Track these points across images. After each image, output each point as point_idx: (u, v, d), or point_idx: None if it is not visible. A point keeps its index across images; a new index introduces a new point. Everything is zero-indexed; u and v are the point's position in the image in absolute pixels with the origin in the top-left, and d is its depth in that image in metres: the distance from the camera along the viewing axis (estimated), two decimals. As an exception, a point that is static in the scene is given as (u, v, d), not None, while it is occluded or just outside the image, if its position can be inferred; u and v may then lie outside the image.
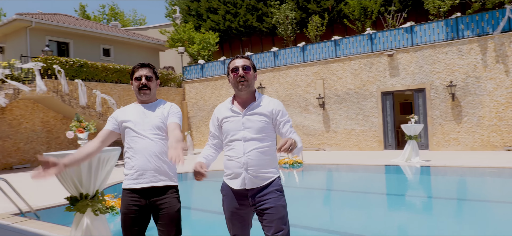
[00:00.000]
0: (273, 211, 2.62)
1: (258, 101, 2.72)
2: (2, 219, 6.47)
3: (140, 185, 2.77)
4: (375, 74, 17.63)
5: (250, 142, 2.64)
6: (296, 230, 6.32)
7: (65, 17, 24.74)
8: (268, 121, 2.68)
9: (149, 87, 2.89)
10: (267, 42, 27.03)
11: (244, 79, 2.68)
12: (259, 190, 2.66)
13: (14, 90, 14.78)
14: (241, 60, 2.74)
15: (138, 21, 52.23)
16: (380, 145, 17.45)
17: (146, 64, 2.96)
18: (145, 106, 2.91)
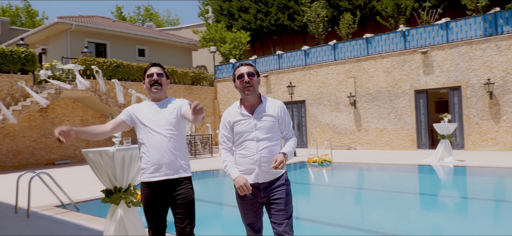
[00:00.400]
0: (282, 201, 2.92)
1: (264, 104, 2.98)
2: (45, 210, 6.93)
3: (156, 178, 3.02)
4: (408, 72, 17.29)
5: (262, 141, 2.93)
6: (322, 227, 6.41)
7: (103, 19, 25.71)
8: (275, 121, 2.98)
9: (160, 83, 3.10)
10: (298, 41, 27.02)
11: (249, 84, 2.91)
12: (270, 183, 2.95)
13: (55, 89, 15.59)
14: (246, 67, 2.98)
15: (172, 21, 53.35)
16: (413, 144, 17.11)
17: (156, 64, 3.19)
18: (158, 104, 3.14)
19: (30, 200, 6.65)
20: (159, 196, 3.05)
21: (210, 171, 13.22)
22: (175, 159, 3.05)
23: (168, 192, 3.06)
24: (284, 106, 3.05)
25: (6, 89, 15.23)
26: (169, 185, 3.05)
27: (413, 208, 7.69)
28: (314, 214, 7.55)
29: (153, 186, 3.05)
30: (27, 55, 16.04)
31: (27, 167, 15.57)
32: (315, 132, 20.28)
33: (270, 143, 2.93)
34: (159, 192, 3.05)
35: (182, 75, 22.40)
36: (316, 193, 10.05)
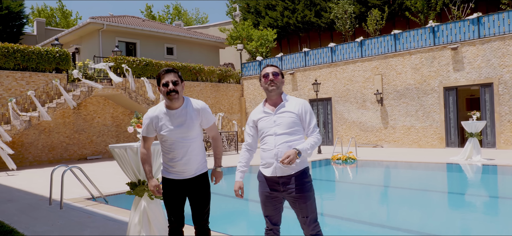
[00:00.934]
0: (302, 198, 3.05)
1: (286, 102, 3.16)
2: (76, 202, 7.30)
3: (176, 177, 3.24)
4: (437, 68, 16.92)
5: (281, 136, 3.08)
6: (343, 223, 6.46)
7: (133, 19, 26.41)
8: (295, 118, 3.10)
9: (177, 91, 3.12)
10: (325, 38, 26.87)
11: (273, 83, 3.12)
12: (288, 178, 3.07)
13: (88, 88, 16.20)
14: (271, 68, 3.19)
15: (201, 19, 54.02)
16: (442, 142, 16.75)
17: (171, 70, 3.18)
18: (177, 115, 3.16)
19: (63, 193, 7.02)
20: (179, 191, 3.26)
21: (235, 167, 13.40)
22: (193, 160, 3.23)
23: (186, 187, 3.26)
24: (307, 105, 3.15)
25: (42, 88, 15.95)
26: (188, 182, 3.26)
27: (438, 206, 7.59)
28: (335, 210, 7.60)
29: (173, 182, 3.26)
30: (61, 55, 16.73)
31: (61, 161, 16.28)
32: (341, 129, 20.16)
33: (289, 138, 3.06)
34: (178, 187, 3.26)
35: (209, 73, 22.74)
36: (338, 190, 10.07)
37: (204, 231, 3.35)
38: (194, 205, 3.29)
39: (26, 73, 15.80)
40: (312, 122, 3.12)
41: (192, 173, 3.25)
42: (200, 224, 3.32)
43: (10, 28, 25.83)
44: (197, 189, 3.27)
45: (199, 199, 3.28)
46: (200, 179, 3.29)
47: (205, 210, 3.31)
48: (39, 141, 16.03)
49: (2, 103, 14.99)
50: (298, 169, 3.07)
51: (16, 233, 5.32)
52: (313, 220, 3.11)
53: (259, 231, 6.35)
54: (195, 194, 3.27)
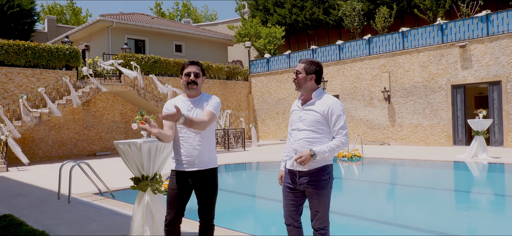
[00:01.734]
0: (317, 195, 3.14)
1: (314, 99, 3.20)
2: (84, 197, 7.47)
3: (189, 169, 3.28)
4: (445, 66, 16.84)
5: (302, 131, 3.17)
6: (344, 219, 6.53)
7: (142, 16, 26.64)
8: (320, 117, 3.14)
9: (196, 82, 3.30)
10: (333, 35, 26.83)
11: (295, 80, 3.26)
12: (305, 173, 3.15)
13: (96, 87, 16.44)
14: (298, 65, 3.27)
15: (210, 17, 54.20)
16: (449, 140, 16.68)
17: (195, 62, 3.36)
18: (192, 101, 3.36)
19: (71, 188, 7.20)
20: (187, 183, 3.31)
21: (242, 164, 13.55)
22: (204, 152, 3.29)
23: (195, 180, 3.31)
24: (335, 106, 3.12)
25: (52, 84, 16.23)
26: (197, 175, 3.30)
27: (442, 204, 7.62)
28: (340, 207, 7.68)
29: (183, 174, 3.31)
30: (71, 52, 16.98)
31: (71, 157, 16.57)
32: (348, 127, 20.16)
33: (311, 135, 3.13)
34: (187, 179, 3.30)
35: (217, 70, 22.88)
36: (342, 187, 10.13)
37: (210, 227, 3.39)
38: (201, 200, 3.34)
39: (37, 70, 16.09)
40: (339, 124, 3.10)
41: (203, 165, 3.29)
42: (206, 219, 3.36)
43: (22, 25, 26.24)
44: (206, 182, 3.32)
45: (206, 194, 3.32)
46: (209, 173, 3.34)
47: (211, 206, 3.35)
48: (49, 137, 16.32)
49: (13, 99, 15.28)
50: (315, 166, 3.12)
51: (25, 225, 5.49)
52: (323, 217, 3.16)
53: (265, 227, 6.46)
54: (204, 188, 3.31)
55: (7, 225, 5.56)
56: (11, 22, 24.98)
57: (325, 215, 3.18)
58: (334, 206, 7.77)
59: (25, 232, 5.11)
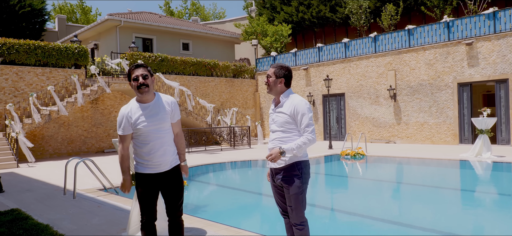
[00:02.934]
0: (289, 190, 3.35)
1: (282, 102, 3.42)
2: (89, 192, 7.69)
3: (151, 171, 3.34)
4: (452, 64, 16.77)
5: (275, 132, 3.43)
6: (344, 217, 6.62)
7: (150, 15, 26.91)
8: (288, 118, 3.35)
9: (147, 84, 3.22)
10: (340, 33, 26.80)
11: (266, 83, 3.48)
12: (279, 170, 3.40)
13: (105, 83, 16.72)
14: (269, 69, 3.49)
15: (218, 15, 54.39)
16: (455, 138, 16.62)
17: (140, 65, 3.29)
18: (148, 108, 3.28)
19: (77, 184, 7.43)
20: (154, 185, 3.36)
21: (247, 161, 13.69)
22: (168, 151, 3.36)
23: (161, 181, 3.37)
24: (300, 106, 3.30)
25: (61, 83, 16.54)
26: (162, 175, 3.37)
27: (443, 203, 7.67)
28: (338, 204, 7.77)
29: (149, 176, 3.35)
30: (80, 51, 17.28)
31: (80, 154, 16.87)
32: (354, 125, 20.18)
33: (282, 135, 3.36)
34: (153, 182, 3.36)
35: (224, 68, 23.04)
36: (343, 185, 10.21)
37: (178, 223, 3.47)
38: (169, 198, 3.40)
39: (47, 69, 16.41)
40: (304, 122, 3.28)
41: (167, 166, 3.36)
42: (175, 215, 3.43)
43: (33, 24, 26.68)
44: (171, 181, 3.39)
45: (174, 192, 3.40)
46: (174, 172, 3.42)
47: (179, 202, 3.44)
48: (59, 134, 16.65)
49: (24, 97, 15.62)
50: (287, 163, 3.34)
51: (30, 219, 5.71)
52: (299, 212, 3.33)
53: (272, 225, 6.59)
54: (170, 187, 3.39)
55: (14, 219, 5.77)
56: (23, 22, 25.42)
57: (300, 211, 3.35)
58: (335, 203, 7.89)
59: (30, 226, 5.31)
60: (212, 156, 15.14)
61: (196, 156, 14.96)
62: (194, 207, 7.42)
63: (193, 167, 12.11)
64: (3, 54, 15.28)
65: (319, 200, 8.20)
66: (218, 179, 11.53)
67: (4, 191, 8.30)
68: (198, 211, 6.83)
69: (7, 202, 7.16)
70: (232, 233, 4.76)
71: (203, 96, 21.63)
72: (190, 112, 19.27)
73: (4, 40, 15.41)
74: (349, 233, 5.56)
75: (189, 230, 4.88)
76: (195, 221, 5.33)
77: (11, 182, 9.60)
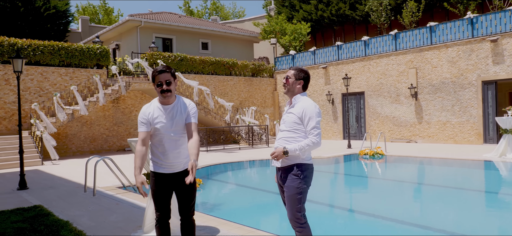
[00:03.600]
0: (287, 189, 3.42)
1: (294, 103, 3.51)
2: (108, 190, 7.85)
3: (168, 172, 3.45)
4: (476, 61, 16.35)
5: (282, 132, 3.52)
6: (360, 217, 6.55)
7: (170, 15, 27.22)
8: (296, 119, 3.43)
9: (170, 90, 3.36)
10: (360, 31, 26.49)
11: (285, 84, 3.55)
12: (283, 170, 3.46)
13: (125, 83, 17.01)
14: (288, 71, 3.56)
15: (237, 14, 54.54)
16: (479, 138, 16.20)
17: (164, 70, 3.38)
18: (169, 109, 3.40)
19: (97, 181, 7.60)
20: (168, 185, 3.47)
21: (266, 160, 13.70)
22: (182, 153, 3.46)
23: (175, 181, 3.47)
24: (309, 109, 3.37)
25: (84, 83, 16.93)
26: (176, 176, 3.47)
27: (464, 204, 7.51)
28: (355, 205, 7.70)
29: (163, 176, 3.46)
30: (102, 51, 17.65)
31: (101, 152, 17.23)
32: (374, 124, 19.93)
33: (288, 135, 3.43)
34: (167, 181, 3.47)
35: (243, 67, 23.10)
36: (360, 185, 10.10)
37: (190, 222, 3.55)
38: (181, 198, 3.50)
39: (70, 69, 16.83)
40: (310, 124, 3.35)
41: (181, 167, 3.47)
42: (187, 215, 3.52)
43: (57, 26, 27.36)
44: (184, 182, 3.41)
45: (186, 192, 3.48)
46: (187, 173, 3.46)
47: (191, 203, 3.52)
48: (82, 132, 17.05)
49: (48, 97, 16.06)
50: (288, 163, 3.41)
51: (52, 215, 5.88)
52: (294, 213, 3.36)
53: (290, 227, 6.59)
54: (183, 188, 3.46)
55: (36, 215, 5.96)
56: (48, 23, 26.10)
57: (294, 210, 3.37)
58: (351, 203, 7.82)
59: (51, 222, 5.47)
60: (230, 154, 15.22)
61: (214, 155, 15.07)
62: (210, 205, 7.48)
63: (210, 166, 12.21)
64: (28, 55, 15.74)
65: (334, 199, 8.14)
66: (235, 177, 11.58)
67: (28, 188, 8.57)
68: (213, 210, 6.88)
69: (31, 198, 7.39)
70: (244, 232, 4.78)
71: (222, 95, 21.75)
72: (209, 111, 19.41)
73: (29, 42, 15.88)
74: (355, 233, 5.51)
75: (202, 229, 4.93)
76: (208, 220, 5.37)
77: (35, 179, 9.90)
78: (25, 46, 15.68)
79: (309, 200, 3.69)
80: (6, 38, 15.49)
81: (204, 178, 10.62)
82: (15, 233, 4.99)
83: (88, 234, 4.88)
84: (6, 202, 7.07)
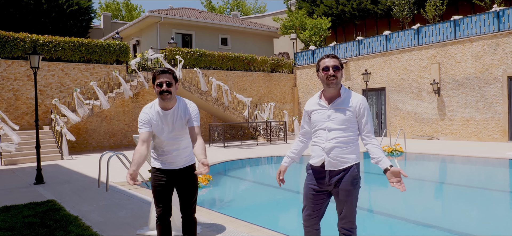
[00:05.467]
0: (346, 193, 3.02)
1: (344, 97, 3.05)
2: (121, 185, 7.91)
3: (169, 168, 3.40)
4: (502, 56, 15.73)
5: (333, 131, 3.02)
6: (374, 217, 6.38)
7: (189, 11, 27.32)
8: (352, 114, 3.02)
9: (170, 92, 3.22)
10: (382, 25, 25.93)
11: (334, 77, 2.99)
12: (337, 172, 3.04)
13: (144, 78, 17.16)
14: (332, 60, 3.04)
15: (259, 9, 54.34)
16: (504, 135, 15.61)
17: (166, 70, 3.25)
18: (169, 115, 3.29)
19: (113, 177, 7.66)
20: (168, 180, 3.41)
21: (283, 157, 13.57)
22: (182, 154, 3.41)
23: (175, 177, 3.42)
24: (365, 103, 3.05)
25: (103, 78, 17.17)
26: (177, 172, 3.42)
27: (486, 205, 7.22)
28: (370, 204, 7.51)
29: (163, 171, 3.41)
30: (121, 47, 17.85)
31: (121, 147, 17.47)
32: (394, 121, 19.49)
33: (342, 134, 3.01)
34: (168, 177, 3.41)
35: (262, 63, 22.98)
36: (377, 183, 9.86)
37: (191, 220, 3.48)
38: (182, 195, 3.43)
39: (90, 65, 17.10)
40: (368, 122, 3.03)
41: (182, 164, 3.41)
42: (188, 212, 3.45)
43: (80, 22, 27.87)
44: (185, 179, 3.42)
45: (187, 189, 3.42)
46: (188, 170, 3.44)
47: (192, 200, 3.45)
48: (101, 128, 17.32)
49: (69, 92, 16.37)
50: (348, 164, 3.03)
51: (63, 210, 5.94)
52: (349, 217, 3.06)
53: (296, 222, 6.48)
54: (183, 184, 3.42)
55: (48, 209, 6.04)
56: (70, 20, 26.62)
57: (352, 216, 3.05)
58: (366, 203, 7.61)
59: (61, 217, 5.53)
60: (247, 150, 15.16)
61: (231, 151, 15.05)
62: (222, 202, 7.43)
63: (225, 162, 12.17)
64: (49, 51, 16.06)
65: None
66: (249, 174, 11.51)
67: (45, 183, 8.73)
68: (224, 207, 6.83)
69: (46, 193, 7.51)
70: (251, 230, 4.70)
71: (240, 91, 21.69)
72: (227, 107, 19.40)
73: (50, 38, 16.20)
74: (365, 234, 5.34)
75: (209, 226, 4.87)
76: (216, 217, 5.31)
77: (53, 174, 10.08)
78: (47, 43, 16.01)
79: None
80: (28, 34, 15.84)
81: (220, 174, 10.60)
82: (24, 227, 5.06)
83: (95, 229, 4.89)
84: (22, 196, 7.20)
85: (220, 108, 19.21)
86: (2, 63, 15.20)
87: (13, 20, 23.85)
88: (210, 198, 7.55)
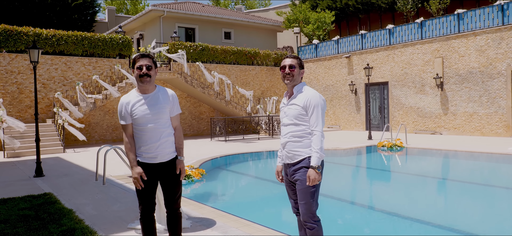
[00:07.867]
0: (299, 183, 3.21)
1: (296, 93, 3.28)
2: (119, 179, 7.98)
3: (152, 162, 3.34)
4: (506, 50, 15.56)
5: (287, 126, 3.29)
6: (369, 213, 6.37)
7: (193, 5, 27.29)
8: (301, 110, 3.22)
9: (149, 75, 3.25)
10: (386, 19, 25.74)
11: (289, 75, 3.27)
12: (293, 165, 3.27)
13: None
14: (290, 59, 3.31)
15: (263, 3, 54.13)
16: (508, 130, 15.48)
17: (146, 55, 3.30)
18: (148, 99, 3.29)
19: (112, 170, 7.72)
20: (151, 175, 3.36)
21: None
22: (164, 145, 3.34)
23: (159, 171, 3.37)
24: (313, 99, 3.18)
25: (106, 72, 17.26)
26: (160, 166, 3.37)
27: (488, 201, 7.18)
28: (367, 199, 7.51)
29: (146, 166, 3.35)
30: (124, 41, 17.91)
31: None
32: (397, 115, 19.39)
33: (295, 129, 3.22)
34: (151, 172, 3.35)
35: (265, 57, 22.94)
36: (376, 177, 9.84)
37: (176, 215, 3.46)
38: (166, 189, 3.41)
39: (93, 59, 17.18)
40: (313, 117, 3.17)
41: (165, 158, 3.36)
42: (173, 208, 3.44)
43: (85, 16, 28.00)
44: (169, 173, 3.38)
45: (171, 184, 3.39)
46: (172, 164, 3.40)
47: (176, 195, 3.43)
48: (104, 121, 17.43)
49: (71, 86, 16.48)
50: (301, 156, 3.21)
51: (58, 204, 6.01)
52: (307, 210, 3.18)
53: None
54: (168, 178, 3.39)
55: (44, 202, 6.12)
56: (75, 13, 26.74)
57: (308, 205, 3.17)
58: (362, 198, 7.62)
59: (55, 210, 5.60)
60: (248, 144, 15.19)
61: (232, 145, 15.09)
62: (217, 197, 7.47)
63: (227, 156, 12.22)
64: (52, 45, 16.15)
65: (336, 192, 7.96)
66: (248, 168, 11.53)
67: (45, 175, 8.82)
68: (218, 201, 6.87)
69: (44, 186, 7.60)
70: (240, 225, 4.73)
71: (243, 85, 21.70)
72: (229, 102, 19.42)
73: (53, 32, 16.29)
74: (360, 233, 5.35)
75: (199, 220, 4.91)
76: (207, 212, 5.35)
77: (53, 167, 10.19)
78: (50, 36, 16.10)
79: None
80: (31, 28, 15.94)
81: (217, 168, 10.64)
82: (18, 220, 5.13)
83: (87, 223, 4.95)
84: (20, 189, 7.30)
85: (222, 102, 19.24)
86: (6, 57, 15.33)
87: (18, 14, 24.01)
88: (203, 192, 7.58)
